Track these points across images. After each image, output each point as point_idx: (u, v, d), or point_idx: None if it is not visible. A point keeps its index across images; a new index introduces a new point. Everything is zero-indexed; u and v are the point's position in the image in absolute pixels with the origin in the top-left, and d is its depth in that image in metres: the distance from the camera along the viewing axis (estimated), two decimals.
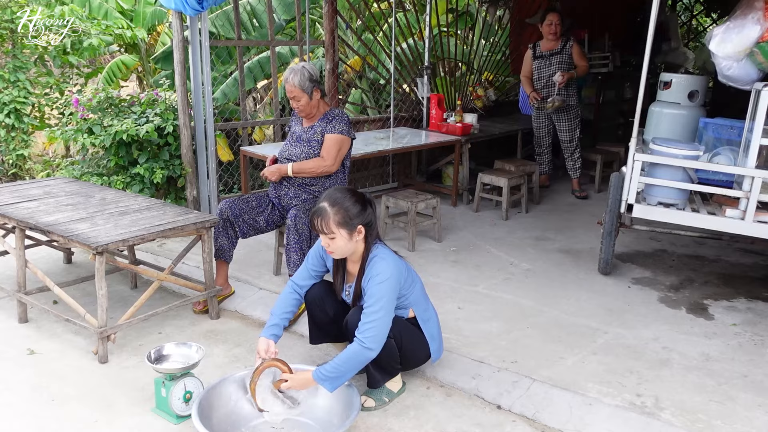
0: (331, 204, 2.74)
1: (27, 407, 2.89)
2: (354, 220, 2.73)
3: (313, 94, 3.83)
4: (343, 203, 2.74)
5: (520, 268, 4.69)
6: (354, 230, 2.74)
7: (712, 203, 4.08)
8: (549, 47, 6.27)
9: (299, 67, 3.82)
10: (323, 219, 2.73)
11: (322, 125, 3.92)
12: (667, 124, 4.63)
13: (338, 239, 2.74)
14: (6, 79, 6.35)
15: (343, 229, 2.72)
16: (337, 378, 2.66)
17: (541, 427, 2.82)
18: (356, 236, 2.76)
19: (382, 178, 6.85)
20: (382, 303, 2.68)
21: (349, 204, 2.74)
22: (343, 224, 2.72)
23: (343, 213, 2.72)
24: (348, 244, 2.77)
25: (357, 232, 2.76)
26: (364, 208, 2.78)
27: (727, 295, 4.29)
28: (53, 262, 4.60)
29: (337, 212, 2.72)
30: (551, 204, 6.46)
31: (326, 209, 2.73)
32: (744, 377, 3.24)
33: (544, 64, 6.30)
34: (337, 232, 2.72)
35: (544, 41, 6.30)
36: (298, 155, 3.92)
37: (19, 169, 7.27)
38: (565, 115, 6.43)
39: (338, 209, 2.72)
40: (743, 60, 3.83)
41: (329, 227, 2.72)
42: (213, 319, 3.80)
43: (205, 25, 5.09)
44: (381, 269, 2.73)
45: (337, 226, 2.72)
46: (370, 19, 7.57)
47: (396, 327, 2.82)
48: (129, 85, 10.98)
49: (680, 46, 8.67)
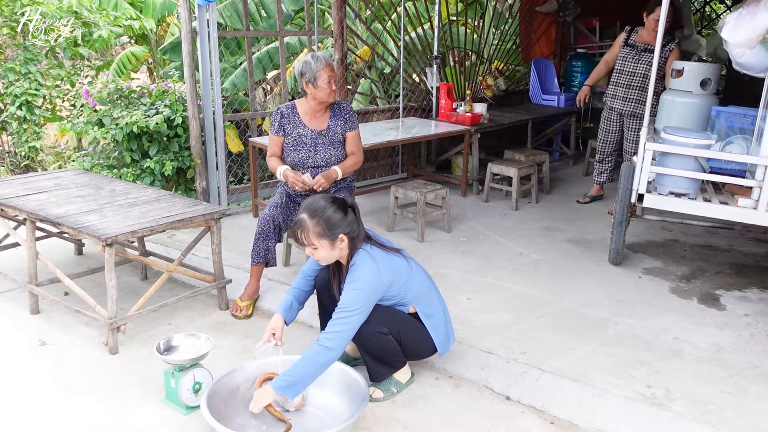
0: (310, 216, 2.70)
1: (38, 398, 2.92)
2: (335, 230, 2.70)
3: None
4: (323, 214, 2.69)
5: (529, 258, 4.67)
6: (335, 240, 2.71)
7: (724, 193, 4.03)
8: (647, 40, 5.48)
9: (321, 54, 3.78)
10: (303, 231, 2.70)
11: (339, 123, 3.83)
12: (679, 113, 4.58)
13: (320, 250, 2.72)
14: (17, 72, 6.38)
15: (324, 239, 2.70)
16: (296, 384, 2.58)
17: (551, 418, 2.81)
18: (339, 244, 2.73)
19: (391, 168, 6.83)
20: (353, 309, 2.63)
21: (329, 213, 2.70)
22: (323, 235, 2.69)
23: (322, 224, 2.68)
24: (331, 252, 2.75)
25: (339, 241, 2.72)
26: (345, 216, 2.73)
27: (740, 285, 4.25)
28: (64, 253, 4.63)
29: (317, 224, 2.68)
30: (561, 194, 6.42)
31: (306, 222, 2.70)
32: (756, 368, 3.21)
33: (632, 56, 5.53)
34: (318, 243, 2.70)
35: (644, 32, 5.50)
36: (329, 160, 3.80)
37: (31, 161, 7.33)
38: (639, 121, 5.54)
39: (318, 221, 2.68)
40: (756, 47, 3.77)
41: (309, 240, 2.70)
42: (222, 310, 3.81)
43: (213, 15, 5.08)
44: (357, 276, 2.69)
45: (318, 237, 2.69)
46: (379, 8, 7.53)
47: (392, 321, 2.81)
48: (140, 77, 11.01)
49: (693, 33, 8.54)
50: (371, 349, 2.85)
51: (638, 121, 5.60)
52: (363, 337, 2.79)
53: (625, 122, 5.76)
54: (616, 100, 5.70)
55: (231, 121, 5.82)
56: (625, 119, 5.75)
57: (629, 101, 5.63)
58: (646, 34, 5.50)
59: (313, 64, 3.69)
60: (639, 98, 5.57)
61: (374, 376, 2.93)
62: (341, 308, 2.64)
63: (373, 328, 2.77)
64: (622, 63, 5.62)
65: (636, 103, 5.60)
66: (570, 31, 8.59)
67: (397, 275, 2.81)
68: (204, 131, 5.23)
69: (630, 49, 5.57)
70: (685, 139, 3.82)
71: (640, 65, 5.51)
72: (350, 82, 7.62)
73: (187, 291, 3.86)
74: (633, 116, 5.67)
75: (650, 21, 5.39)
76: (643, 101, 5.53)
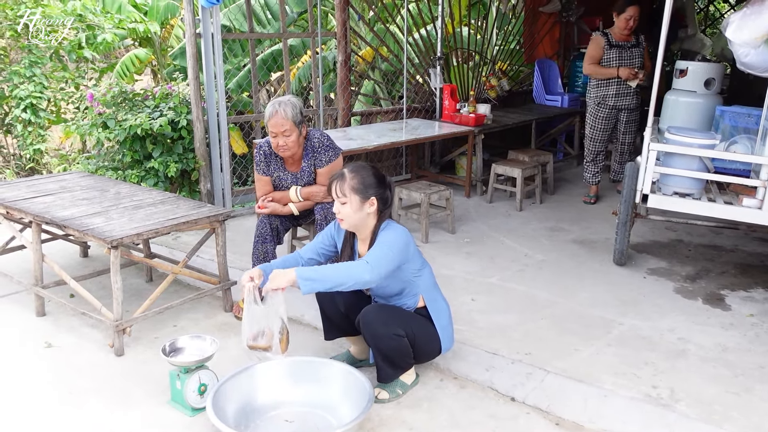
0: (351, 171, 2.84)
1: (45, 400, 2.93)
2: (369, 189, 2.81)
3: (301, 130, 3.59)
4: (362, 173, 2.83)
5: (534, 259, 4.66)
6: (366, 200, 2.81)
7: (728, 192, 4.03)
8: (625, 39, 5.69)
9: (285, 98, 3.56)
10: (339, 182, 2.82)
11: (310, 163, 3.74)
12: (683, 113, 4.58)
13: (349, 204, 2.81)
14: (22, 74, 6.40)
15: (356, 195, 2.79)
16: (319, 280, 2.62)
17: (556, 419, 2.81)
18: (367, 207, 2.82)
19: (395, 169, 6.84)
20: (388, 246, 2.75)
21: (367, 174, 2.84)
22: (356, 190, 2.79)
23: (359, 179, 2.80)
24: (357, 212, 2.82)
25: (369, 203, 2.82)
26: (381, 184, 2.86)
27: (744, 285, 4.25)
28: (69, 256, 4.65)
29: (354, 178, 2.81)
30: (566, 194, 6.42)
31: (345, 174, 2.83)
32: (761, 368, 3.21)
33: (626, 54, 5.66)
34: (349, 196, 2.80)
35: (617, 32, 5.67)
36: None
37: (36, 164, 7.35)
38: (633, 114, 5.84)
39: (355, 176, 2.82)
40: (761, 47, 3.77)
41: (343, 190, 2.80)
42: (227, 312, 3.82)
43: (218, 18, 5.10)
44: (389, 232, 2.82)
45: (351, 190, 2.79)
46: (383, 9, 7.54)
47: (409, 325, 2.83)
48: (143, 79, 11.04)
49: (697, 33, 8.54)
50: (384, 350, 2.85)
51: (634, 114, 5.86)
52: (380, 338, 2.81)
53: (620, 117, 5.87)
54: (609, 97, 5.77)
55: (235, 123, 5.84)
56: (620, 114, 5.86)
57: (624, 96, 5.75)
58: (620, 35, 5.69)
59: (266, 114, 3.57)
60: (632, 91, 5.75)
61: (382, 378, 2.94)
62: (377, 247, 2.75)
63: (391, 330, 2.79)
64: (617, 62, 5.68)
65: (632, 96, 5.77)
66: (573, 31, 8.58)
67: (416, 249, 2.93)
68: (208, 133, 5.25)
69: (619, 49, 5.70)
70: (689, 139, 3.81)
71: (634, 60, 5.70)
72: (354, 83, 7.62)
73: (192, 293, 3.87)
74: (628, 110, 5.83)
75: (621, 20, 5.60)
76: (638, 93, 5.76)
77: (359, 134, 5.64)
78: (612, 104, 5.78)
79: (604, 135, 5.93)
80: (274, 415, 2.75)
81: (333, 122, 6.28)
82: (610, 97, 5.76)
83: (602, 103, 5.82)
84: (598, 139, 5.94)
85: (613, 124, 5.90)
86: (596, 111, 5.87)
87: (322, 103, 6.14)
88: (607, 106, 5.80)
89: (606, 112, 5.83)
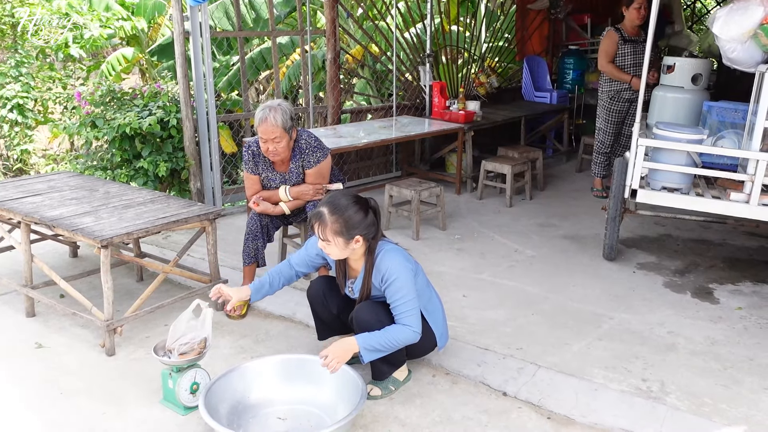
0: (331, 212, 2.69)
1: (36, 401, 2.91)
2: (352, 231, 2.70)
3: (291, 134, 3.58)
4: (344, 212, 2.69)
5: (524, 255, 4.68)
6: (351, 240, 2.72)
7: (716, 187, 4.06)
8: (636, 33, 5.73)
9: (275, 104, 3.53)
10: (321, 225, 2.70)
11: (298, 164, 3.73)
12: (671, 108, 4.61)
13: (333, 246, 2.74)
14: (8, 75, 6.35)
15: (340, 238, 2.71)
16: (382, 351, 2.72)
17: (547, 413, 2.83)
18: (353, 245, 2.75)
19: (385, 167, 6.84)
20: (408, 296, 2.74)
21: (350, 213, 2.69)
22: (340, 234, 2.70)
23: (341, 223, 2.68)
24: (343, 251, 2.76)
25: (354, 242, 2.74)
26: (365, 217, 2.73)
27: (733, 279, 4.28)
28: (59, 256, 4.62)
29: (336, 221, 2.68)
30: (555, 190, 6.44)
31: (325, 217, 2.69)
32: (750, 360, 3.24)
33: (639, 49, 5.66)
34: (333, 240, 2.71)
35: (629, 27, 5.71)
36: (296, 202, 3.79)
37: (23, 164, 7.30)
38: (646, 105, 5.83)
39: (337, 218, 2.68)
40: (747, 42, 3.80)
41: (325, 235, 2.71)
42: (218, 311, 3.81)
43: (206, 16, 5.08)
44: (391, 273, 2.75)
45: (334, 234, 2.70)
46: (371, 7, 7.54)
47: None
48: (131, 78, 10.97)
49: (684, 29, 8.58)
50: None
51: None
52: None
53: (631, 109, 5.90)
54: (624, 90, 5.81)
55: (224, 121, 5.82)
56: (632, 107, 5.89)
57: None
58: (632, 28, 5.71)
59: (256, 118, 3.55)
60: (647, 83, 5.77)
61: (377, 375, 2.94)
62: (399, 297, 2.73)
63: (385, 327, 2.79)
64: (631, 57, 5.74)
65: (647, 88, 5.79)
66: (562, 28, 8.61)
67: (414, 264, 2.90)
68: (198, 132, 5.23)
69: (632, 44, 5.73)
70: (677, 134, 3.84)
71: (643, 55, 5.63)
72: (344, 81, 7.61)
73: (183, 292, 3.86)
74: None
75: (632, 12, 5.60)
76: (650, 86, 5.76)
77: (349, 132, 5.64)
78: (627, 97, 5.85)
79: (618, 128, 6.01)
80: (267, 413, 2.75)
81: (323, 120, 6.28)
82: (625, 90, 5.83)
83: (616, 96, 5.88)
84: (610, 132, 6.01)
85: (624, 117, 5.97)
86: (609, 104, 5.94)
87: (312, 101, 6.13)
88: (622, 99, 5.87)
89: (620, 105, 5.90)
